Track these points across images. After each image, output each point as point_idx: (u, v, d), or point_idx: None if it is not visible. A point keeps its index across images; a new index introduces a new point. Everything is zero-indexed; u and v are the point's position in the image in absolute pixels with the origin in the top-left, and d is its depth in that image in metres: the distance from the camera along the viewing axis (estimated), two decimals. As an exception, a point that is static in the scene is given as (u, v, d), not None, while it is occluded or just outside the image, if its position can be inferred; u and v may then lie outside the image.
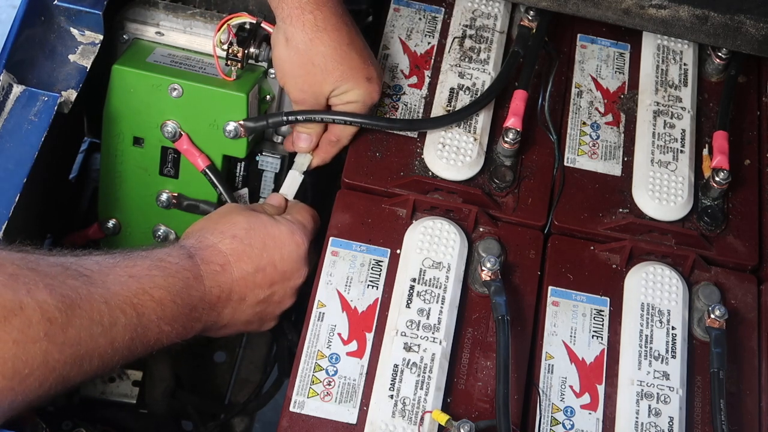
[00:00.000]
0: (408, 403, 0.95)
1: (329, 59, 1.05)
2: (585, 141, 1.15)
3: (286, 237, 1.03)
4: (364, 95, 1.09)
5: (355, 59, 1.07)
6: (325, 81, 1.07)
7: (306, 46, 1.05)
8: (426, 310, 1.00)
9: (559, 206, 1.10)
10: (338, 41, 1.05)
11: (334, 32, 1.05)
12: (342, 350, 0.99)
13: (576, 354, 1.01)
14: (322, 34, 1.04)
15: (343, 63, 1.06)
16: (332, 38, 1.05)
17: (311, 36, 1.04)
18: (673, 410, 0.97)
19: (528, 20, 1.19)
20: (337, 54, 1.05)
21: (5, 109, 1.02)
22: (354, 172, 1.10)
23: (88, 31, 1.11)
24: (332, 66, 1.06)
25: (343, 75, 1.07)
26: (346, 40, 1.06)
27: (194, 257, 0.97)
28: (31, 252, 0.86)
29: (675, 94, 1.18)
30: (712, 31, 1.17)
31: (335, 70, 1.06)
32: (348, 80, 1.07)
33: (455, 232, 1.05)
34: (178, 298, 0.93)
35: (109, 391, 1.18)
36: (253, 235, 1.01)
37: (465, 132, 1.11)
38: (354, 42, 1.07)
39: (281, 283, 1.03)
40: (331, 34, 1.05)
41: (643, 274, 1.05)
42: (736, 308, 1.06)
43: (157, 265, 0.93)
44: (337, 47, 1.05)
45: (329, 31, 1.05)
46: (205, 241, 1.00)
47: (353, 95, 1.08)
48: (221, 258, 0.99)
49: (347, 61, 1.06)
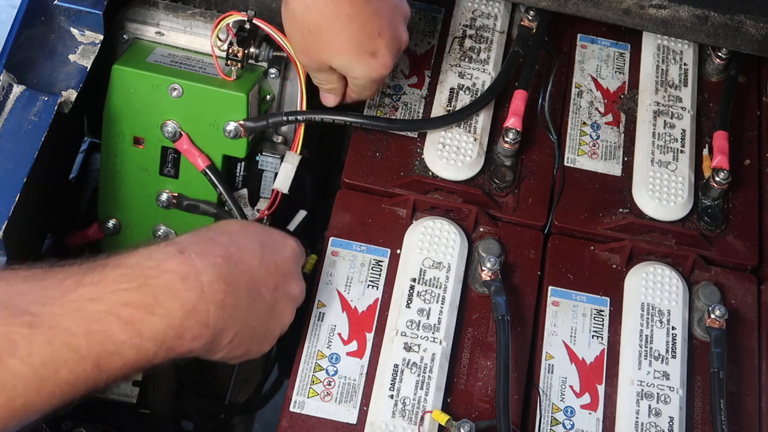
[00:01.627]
0: (408, 403, 0.95)
1: (324, 30, 0.98)
2: (585, 141, 1.15)
3: (282, 239, 0.96)
4: (367, 71, 1.02)
5: (356, 32, 0.98)
6: (322, 51, 1.01)
7: (301, 12, 0.99)
8: (426, 310, 1.00)
9: (559, 206, 1.10)
10: (335, 11, 0.97)
11: (331, 1, 0.97)
12: (342, 350, 0.99)
13: (576, 354, 1.01)
14: (317, 2, 0.97)
15: (341, 35, 0.99)
16: (329, 8, 0.97)
17: (308, 3, 0.97)
18: (673, 410, 0.97)
19: (528, 20, 1.19)
20: (333, 25, 0.98)
21: (5, 109, 1.02)
22: (354, 172, 1.10)
23: (88, 31, 1.11)
24: (328, 38, 0.99)
25: (342, 49, 1.00)
26: (347, 10, 0.97)
27: (186, 252, 0.85)
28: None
29: (675, 94, 1.18)
30: (712, 31, 1.17)
31: (332, 43, 0.99)
32: (346, 54, 1.00)
33: (455, 232, 1.05)
34: (159, 307, 0.80)
35: (109, 391, 1.18)
36: (251, 231, 0.94)
37: (465, 132, 1.11)
38: (358, 12, 0.98)
39: (283, 287, 0.93)
40: (328, 3, 0.97)
41: (643, 274, 1.05)
42: (736, 308, 1.06)
43: (128, 274, 0.81)
44: (334, 18, 0.97)
45: (320, 2, 0.97)
46: (198, 235, 0.89)
47: (356, 71, 1.02)
48: (220, 250, 0.87)
49: (346, 33, 0.99)
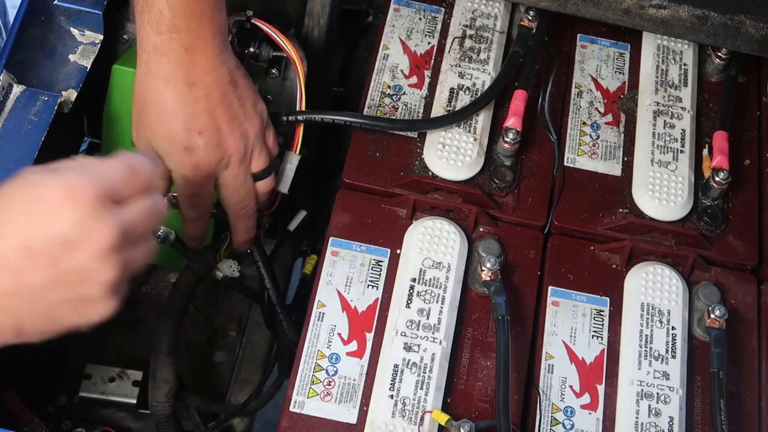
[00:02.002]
0: (408, 403, 0.95)
1: (151, 109, 0.96)
2: (585, 141, 1.15)
3: (59, 196, 0.74)
4: (179, 165, 0.98)
5: (178, 122, 0.95)
6: (145, 129, 0.98)
7: (138, 84, 0.97)
8: (426, 310, 1.00)
9: (559, 206, 1.10)
10: (162, 94, 0.94)
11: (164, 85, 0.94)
12: (342, 350, 0.99)
13: (576, 354, 1.01)
14: (156, 79, 0.94)
15: (161, 120, 0.96)
16: (159, 90, 0.94)
17: (147, 78, 0.95)
18: (673, 410, 0.97)
19: (528, 20, 1.19)
20: (159, 108, 0.95)
21: (5, 109, 1.02)
22: (354, 172, 1.10)
23: (88, 31, 1.11)
24: (153, 118, 0.96)
25: (160, 133, 0.96)
26: (174, 98, 0.94)
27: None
28: None
29: (675, 94, 1.18)
30: (712, 31, 1.17)
31: (154, 124, 0.96)
32: (163, 140, 0.97)
33: (455, 232, 1.05)
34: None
35: (109, 391, 1.18)
36: (14, 201, 0.75)
37: (465, 132, 1.11)
38: (185, 103, 0.95)
39: (67, 257, 0.74)
40: (159, 86, 0.94)
41: (643, 274, 1.05)
42: (736, 308, 1.06)
43: None
44: (161, 101, 0.95)
45: (152, 80, 0.94)
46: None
47: (169, 162, 0.98)
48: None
49: (166, 120, 0.96)
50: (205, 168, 0.98)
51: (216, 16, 0.96)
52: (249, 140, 1.00)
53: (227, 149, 0.99)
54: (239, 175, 1.01)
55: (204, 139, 0.97)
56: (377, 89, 1.15)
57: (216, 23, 0.96)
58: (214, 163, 0.99)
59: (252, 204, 1.06)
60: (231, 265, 1.12)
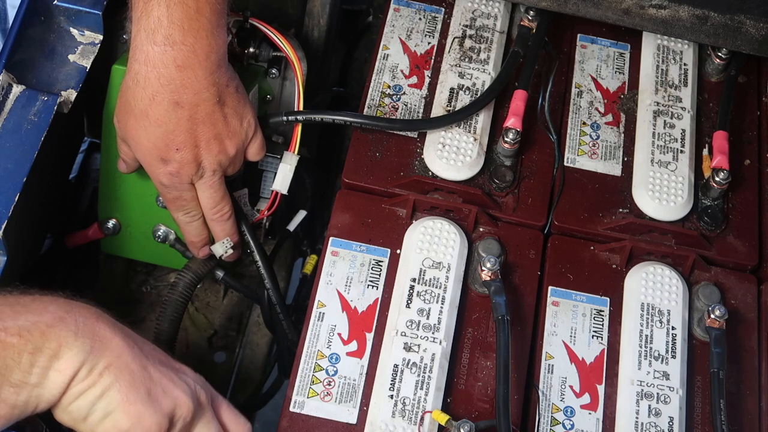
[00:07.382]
0: (408, 403, 0.95)
1: (135, 116, 0.98)
2: (585, 141, 1.15)
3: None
4: (154, 172, 1.02)
5: (157, 136, 0.98)
6: (126, 130, 1.00)
7: (125, 89, 0.99)
8: (426, 310, 1.00)
9: (559, 206, 1.10)
10: (149, 108, 0.96)
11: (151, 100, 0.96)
12: (342, 350, 0.99)
13: (576, 354, 1.01)
14: (144, 91, 0.96)
15: (142, 131, 0.98)
16: (146, 103, 0.96)
17: (134, 88, 0.96)
18: (673, 410, 0.97)
19: (528, 20, 1.19)
20: (142, 119, 0.97)
21: (5, 109, 1.02)
22: (354, 172, 1.10)
23: (88, 31, 1.11)
24: (134, 125, 0.98)
25: (139, 141, 0.99)
26: (158, 114, 0.96)
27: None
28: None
29: (675, 94, 1.18)
30: (712, 31, 1.17)
31: (135, 130, 0.99)
32: (141, 149, 1.00)
33: (455, 232, 1.05)
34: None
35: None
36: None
37: (465, 132, 1.11)
38: (168, 121, 0.97)
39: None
40: (146, 99, 0.96)
41: (643, 274, 1.05)
42: (736, 308, 1.06)
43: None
44: (145, 113, 0.97)
45: (139, 90, 0.96)
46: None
47: (146, 168, 1.03)
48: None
49: (148, 132, 0.98)
50: (180, 176, 1.02)
51: (215, 33, 0.96)
52: (227, 156, 1.03)
53: (201, 164, 1.02)
54: (214, 184, 1.04)
55: (180, 154, 1.00)
56: (377, 89, 1.15)
57: (214, 41, 0.96)
58: (188, 175, 1.02)
59: (227, 208, 1.08)
60: (224, 242, 1.11)
